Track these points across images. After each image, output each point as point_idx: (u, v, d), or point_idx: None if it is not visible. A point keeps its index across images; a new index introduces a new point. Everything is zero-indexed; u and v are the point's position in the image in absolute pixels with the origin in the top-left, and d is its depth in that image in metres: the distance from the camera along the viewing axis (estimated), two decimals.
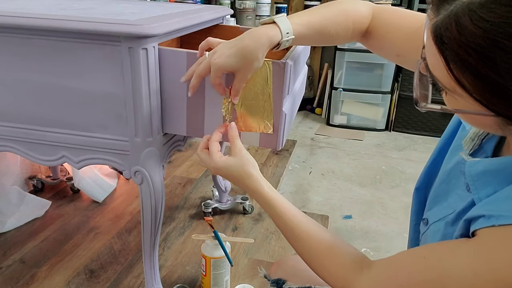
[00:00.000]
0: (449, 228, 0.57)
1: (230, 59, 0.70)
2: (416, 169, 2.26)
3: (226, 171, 0.72)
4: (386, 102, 2.78)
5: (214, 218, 1.56)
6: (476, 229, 0.47)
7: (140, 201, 0.96)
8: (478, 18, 0.39)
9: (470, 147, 0.57)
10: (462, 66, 0.42)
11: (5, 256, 1.31)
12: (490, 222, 0.46)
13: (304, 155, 2.39)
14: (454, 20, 0.41)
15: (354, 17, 0.72)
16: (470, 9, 0.40)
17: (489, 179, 0.50)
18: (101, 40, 0.83)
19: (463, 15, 0.40)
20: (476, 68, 0.40)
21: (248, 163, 0.71)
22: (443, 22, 0.42)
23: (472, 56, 0.40)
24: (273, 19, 0.69)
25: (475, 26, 0.39)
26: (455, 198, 0.59)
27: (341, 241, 0.64)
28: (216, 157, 0.72)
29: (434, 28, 0.44)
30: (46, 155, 0.96)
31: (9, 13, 0.85)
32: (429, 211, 0.66)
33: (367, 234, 1.65)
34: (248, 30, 0.71)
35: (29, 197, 1.55)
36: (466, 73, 0.42)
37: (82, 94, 0.89)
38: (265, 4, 2.81)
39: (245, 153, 0.72)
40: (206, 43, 0.78)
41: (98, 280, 1.23)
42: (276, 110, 0.83)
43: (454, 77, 0.43)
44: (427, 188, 0.70)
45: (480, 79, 0.41)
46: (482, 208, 0.48)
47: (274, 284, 0.82)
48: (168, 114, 0.90)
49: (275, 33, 0.68)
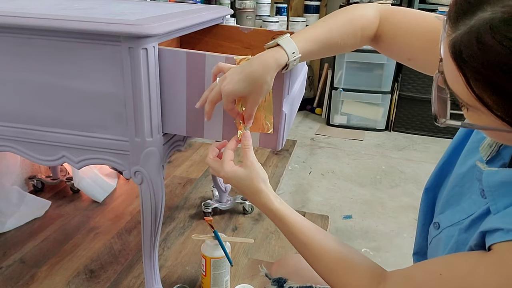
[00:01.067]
0: (463, 235, 0.56)
1: (239, 85, 0.71)
2: (416, 169, 2.26)
3: (235, 182, 0.70)
4: (386, 102, 2.78)
5: (214, 218, 1.56)
6: (494, 243, 0.46)
7: (140, 201, 0.96)
8: (502, 36, 0.38)
9: (487, 154, 0.56)
10: (485, 84, 0.40)
11: (5, 256, 1.31)
12: (509, 236, 0.44)
13: (304, 155, 2.39)
14: (475, 37, 0.39)
15: (362, 24, 0.71)
16: (492, 26, 0.38)
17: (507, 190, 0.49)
18: (101, 40, 0.83)
19: (485, 33, 0.39)
20: (502, 86, 0.39)
21: (258, 177, 0.69)
22: (463, 39, 0.41)
23: (497, 75, 0.39)
24: (277, 41, 0.69)
25: (499, 44, 0.38)
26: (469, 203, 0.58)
27: (357, 254, 0.64)
28: (227, 166, 0.70)
29: (453, 44, 0.42)
30: (46, 155, 0.96)
31: (9, 13, 0.85)
32: (440, 214, 0.65)
33: (367, 234, 1.65)
34: (256, 55, 0.71)
35: (29, 197, 1.55)
36: (489, 91, 0.40)
37: (82, 94, 0.89)
38: (265, 4, 2.82)
39: (256, 166, 0.70)
40: (217, 69, 0.78)
41: (98, 280, 1.23)
42: (276, 110, 0.83)
43: (474, 94, 0.41)
44: (437, 189, 0.69)
45: (504, 97, 0.40)
46: (499, 221, 0.47)
47: (275, 283, 0.82)
48: (168, 114, 0.91)
49: (281, 55, 0.69)
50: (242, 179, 0.69)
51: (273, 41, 0.70)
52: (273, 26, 2.71)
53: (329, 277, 0.64)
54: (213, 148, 0.76)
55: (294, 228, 0.66)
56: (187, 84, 0.86)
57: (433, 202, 0.69)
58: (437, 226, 0.64)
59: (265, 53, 0.70)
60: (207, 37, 1.26)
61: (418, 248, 0.74)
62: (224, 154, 0.72)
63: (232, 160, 0.72)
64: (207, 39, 1.26)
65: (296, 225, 0.66)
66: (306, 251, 0.65)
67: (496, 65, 0.38)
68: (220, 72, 0.78)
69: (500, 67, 0.38)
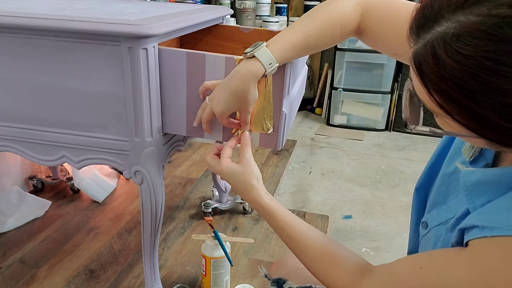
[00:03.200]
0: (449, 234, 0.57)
1: (227, 104, 0.74)
2: (416, 169, 2.26)
3: (230, 177, 0.73)
4: (386, 102, 2.78)
5: (214, 218, 1.56)
6: (470, 239, 0.48)
7: (140, 201, 0.96)
8: (454, 51, 0.39)
9: (470, 154, 0.57)
10: (443, 95, 0.42)
11: (5, 256, 1.31)
12: (483, 233, 0.46)
13: (304, 155, 2.39)
14: (431, 52, 0.41)
15: (340, 22, 0.69)
16: (445, 41, 0.40)
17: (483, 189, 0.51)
18: (101, 40, 0.83)
19: (439, 47, 0.40)
20: (457, 99, 0.41)
21: (252, 174, 0.71)
22: (421, 53, 0.42)
23: (452, 88, 0.40)
24: (253, 53, 0.69)
25: (451, 59, 0.39)
26: (455, 202, 0.59)
27: (343, 249, 0.66)
28: (224, 162, 0.74)
29: (414, 56, 0.44)
30: (46, 155, 0.96)
31: (9, 13, 0.85)
32: (428, 213, 0.67)
33: (367, 234, 1.65)
34: (234, 69, 0.73)
35: (29, 197, 1.55)
36: (448, 102, 0.42)
37: (82, 94, 0.89)
38: (265, 4, 2.82)
39: (251, 164, 0.72)
40: (203, 88, 0.82)
41: (98, 280, 1.23)
42: (276, 110, 0.83)
43: (437, 103, 0.43)
44: (427, 189, 0.70)
45: (463, 109, 0.41)
46: (475, 218, 0.49)
47: (275, 284, 0.82)
48: (168, 114, 0.90)
49: (258, 67, 0.70)
50: (236, 175, 0.72)
51: (250, 52, 0.70)
52: (273, 26, 2.71)
53: (315, 269, 0.66)
54: (213, 147, 0.79)
55: (282, 222, 0.68)
56: (187, 84, 0.86)
57: (424, 202, 0.70)
58: (425, 225, 0.66)
59: (242, 68, 0.71)
60: (207, 37, 1.26)
61: (412, 247, 0.75)
62: (223, 151, 0.75)
63: (229, 157, 0.75)
64: (207, 39, 1.26)
65: (284, 219, 0.68)
66: (293, 244, 0.68)
67: (450, 79, 0.40)
68: (207, 90, 0.81)
69: (453, 81, 0.40)
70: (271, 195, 0.72)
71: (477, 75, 0.38)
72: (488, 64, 0.38)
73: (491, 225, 0.45)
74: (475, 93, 0.39)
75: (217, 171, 0.74)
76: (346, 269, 0.62)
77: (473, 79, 0.39)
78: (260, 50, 0.69)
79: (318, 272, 0.65)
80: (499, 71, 0.38)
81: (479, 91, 0.39)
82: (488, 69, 0.38)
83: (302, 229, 0.67)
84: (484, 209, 0.49)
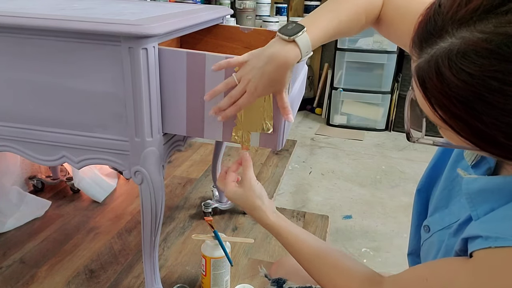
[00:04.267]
0: (452, 239, 0.56)
1: (265, 89, 0.73)
2: (416, 169, 2.26)
3: (235, 200, 0.76)
4: (386, 102, 2.78)
5: (214, 218, 1.56)
6: (474, 250, 0.47)
7: (140, 201, 0.96)
8: (459, 69, 0.38)
9: (472, 159, 0.57)
10: (446, 111, 0.41)
11: (5, 256, 1.31)
12: (487, 243, 0.45)
13: (304, 155, 2.39)
14: (435, 68, 0.40)
15: (366, 10, 0.70)
16: (450, 59, 0.39)
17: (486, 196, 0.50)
18: (101, 40, 0.83)
19: (443, 65, 0.39)
20: (461, 116, 0.40)
21: (254, 196, 0.73)
22: (425, 68, 0.42)
23: (456, 106, 0.40)
24: (294, 38, 0.67)
25: (456, 78, 0.39)
26: (458, 206, 0.59)
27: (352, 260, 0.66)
28: (228, 187, 0.76)
29: (417, 71, 0.43)
30: (46, 155, 0.96)
31: (9, 13, 0.85)
32: (430, 217, 0.66)
33: (367, 234, 1.65)
34: (269, 49, 0.70)
35: (29, 197, 1.55)
36: (452, 119, 0.41)
37: (82, 94, 0.89)
38: (265, 4, 2.82)
39: (252, 185, 0.74)
40: (227, 65, 0.79)
41: (98, 280, 1.23)
42: (276, 110, 0.83)
43: (441, 118, 0.42)
44: (429, 191, 0.69)
45: (467, 126, 0.41)
46: (479, 228, 0.48)
47: (275, 284, 0.82)
48: (168, 114, 0.90)
49: (296, 55, 0.68)
50: (240, 198, 0.74)
51: (289, 34, 0.67)
52: (273, 26, 2.71)
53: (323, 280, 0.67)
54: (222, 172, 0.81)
55: (289, 237, 0.71)
56: (187, 84, 0.86)
57: (426, 203, 0.70)
58: (427, 229, 0.65)
59: (280, 51, 0.68)
60: (207, 37, 1.26)
61: (412, 249, 0.74)
62: (227, 176, 0.78)
63: (234, 181, 0.77)
64: (207, 39, 1.26)
65: (291, 234, 0.71)
66: (302, 257, 0.70)
67: (454, 97, 0.39)
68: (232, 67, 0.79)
69: (457, 99, 0.39)
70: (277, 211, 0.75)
71: (483, 95, 0.38)
72: (494, 84, 0.37)
73: (495, 235, 0.45)
74: (480, 112, 0.39)
75: (225, 195, 0.77)
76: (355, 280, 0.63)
77: (478, 99, 0.38)
78: (301, 36, 0.67)
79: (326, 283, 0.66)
80: (505, 92, 0.37)
81: (484, 111, 0.38)
82: (494, 89, 0.37)
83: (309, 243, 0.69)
84: (487, 218, 0.48)
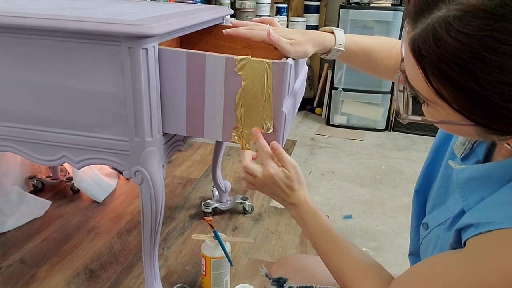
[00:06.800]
0: (446, 233, 0.57)
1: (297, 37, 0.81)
2: (416, 169, 2.26)
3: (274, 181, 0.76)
4: (386, 102, 2.78)
5: (214, 218, 1.56)
6: (466, 239, 0.48)
7: (140, 201, 0.96)
8: (456, 31, 0.40)
9: (461, 151, 0.58)
10: (442, 78, 0.42)
11: (5, 256, 1.31)
12: (478, 230, 0.46)
13: (304, 155, 2.39)
14: (432, 33, 0.41)
15: (398, 48, 0.75)
16: (447, 22, 0.40)
17: (475, 185, 0.51)
18: (101, 40, 0.83)
19: (440, 29, 0.41)
20: (457, 80, 0.41)
21: (299, 177, 0.77)
22: (421, 36, 0.43)
23: (453, 69, 0.41)
24: (332, 29, 0.80)
25: (453, 39, 0.40)
26: (453, 202, 0.60)
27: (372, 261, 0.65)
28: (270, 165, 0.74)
29: (412, 41, 0.44)
30: (46, 155, 0.96)
31: (9, 13, 0.85)
32: (428, 214, 0.67)
33: (367, 234, 1.65)
34: (308, 30, 0.82)
35: (29, 197, 1.55)
36: (446, 85, 0.42)
37: (82, 94, 0.89)
38: (265, 4, 2.81)
39: (296, 167, 0.75)
40: (262, 20, 0.90)
41: (98, 280, 1.23)
42: (276, 110, 0.83)
43: (433, 88, 0.43)
44: (426, 191, 0.70)
45: (461, 90, 0.41)
46: (470, 217, 0.49)
47: (275, 283, 0.82)
48: (168, 114, 0.90)
49: (330, 40, 0.80)
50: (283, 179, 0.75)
51: (329, 27, 0.82)
52: None
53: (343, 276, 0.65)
54: (249, 152, 0.76)
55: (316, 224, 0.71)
56: (187, 84, 0.86)
57: (424, 203, 0.70)
58: (426, 226, 0.66)
59: (318, 32, 0.81)
60: (207, 37, 1.26)
61: (413, 249, 0.75)
62: (264, 156, 0.74)
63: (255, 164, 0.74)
64: (207, 39, 1.26)
65: (320, 223, 0.71)
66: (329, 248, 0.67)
67: (451, 59, 0.40)
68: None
69: (454, 61, 0.40)
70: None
71: (479, 53, 0.39)
72: (490, 42, 0.38)
73: (485, 221, 0.46)
74: (476, 72, 0.39)
75: (260, 178, 0.73)
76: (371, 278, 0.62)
77: (474, 58, 0.39)
78: (339, 30, 0.80)
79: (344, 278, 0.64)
80: (501, 50, 0.38)
81: (480, 71, 0.39)
82: (490, 48, 0.38)
83: (341, 240, 0.67)
84: (478, 207, 0.50)
